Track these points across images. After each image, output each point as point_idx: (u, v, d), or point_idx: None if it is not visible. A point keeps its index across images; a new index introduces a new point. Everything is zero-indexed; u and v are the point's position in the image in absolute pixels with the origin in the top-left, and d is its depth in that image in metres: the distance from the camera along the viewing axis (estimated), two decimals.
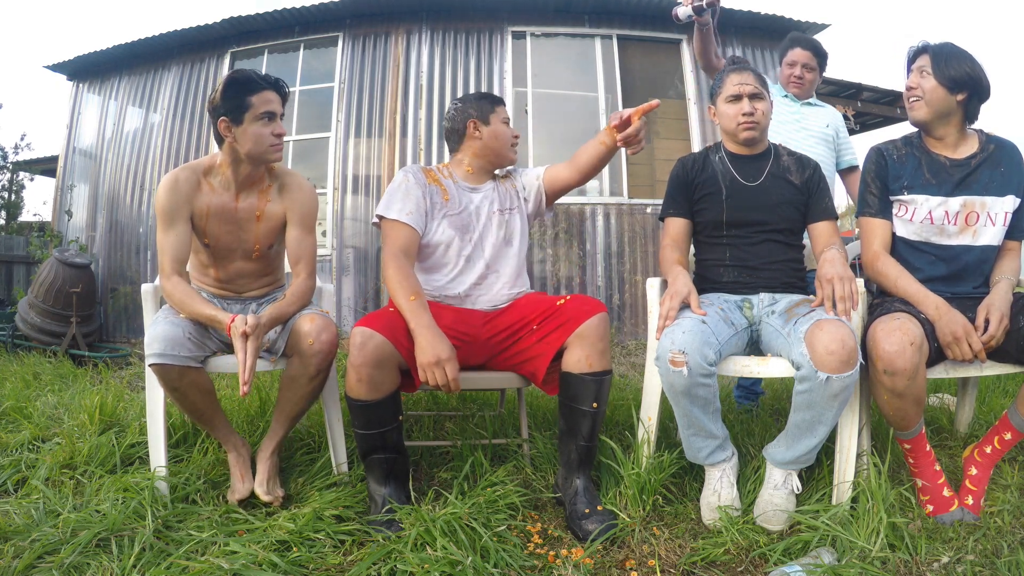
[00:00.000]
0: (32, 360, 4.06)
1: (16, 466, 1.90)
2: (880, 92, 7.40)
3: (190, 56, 5.92)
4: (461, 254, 1.88)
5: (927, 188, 1.73)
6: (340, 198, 5.38)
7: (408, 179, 1.86)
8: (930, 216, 1.72)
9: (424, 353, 1.56)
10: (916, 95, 1.72)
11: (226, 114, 1.72)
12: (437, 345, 1.56)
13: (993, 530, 1.50)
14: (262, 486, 1.71)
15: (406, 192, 1.83)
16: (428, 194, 1.87)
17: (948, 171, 1.72)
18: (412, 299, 1.64)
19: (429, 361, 1.55)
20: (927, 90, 1.70)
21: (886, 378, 1.49)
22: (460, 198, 1.92)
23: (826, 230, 1.83)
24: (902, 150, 1.80)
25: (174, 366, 1.61)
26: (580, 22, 5.57)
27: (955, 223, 1.71)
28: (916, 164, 1.76)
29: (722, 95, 1.86)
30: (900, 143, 1.82)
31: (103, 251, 6.00)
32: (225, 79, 1.74)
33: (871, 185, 1.81)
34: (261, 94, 1.72)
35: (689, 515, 1.65)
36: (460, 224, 1.88)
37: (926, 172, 1.74)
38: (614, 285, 5.29)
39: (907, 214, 1.75)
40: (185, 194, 1.75)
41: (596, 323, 1.65)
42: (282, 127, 1.78)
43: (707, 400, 1.55)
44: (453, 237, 1.87)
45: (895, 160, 1.78)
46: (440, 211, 1.87)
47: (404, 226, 1.79)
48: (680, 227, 1.89)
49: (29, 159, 10.79)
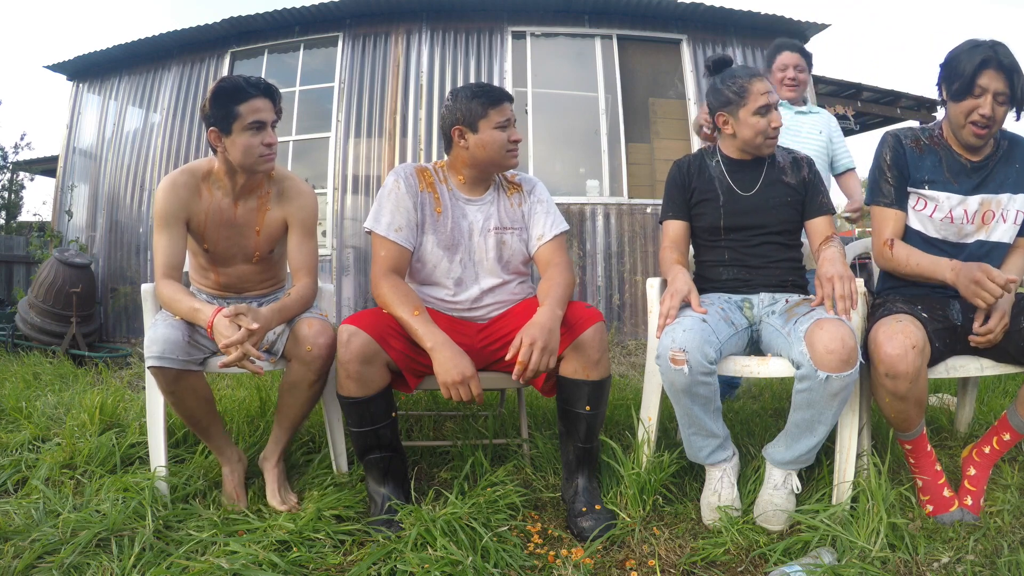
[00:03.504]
0: (32, 360, 4.06)
1: (16, 466, 1.90)
2: (880, 92, 7.41)
3: (190, 56, 5.91)
4: (449, 276, 1.79)
5: (947, 186, 1.69)
6: (340, 198, 5.38)
7: (399, 187, 1.75)
8: (950, 215, 1.69)
9: (448, 372, 1.49)
10: (989, 125, 1.59)
11: (215, 124, 1.68)
12: (460, 363, 1.50)
13: (993, 530, 1.50)
14: (275, 497, 1.71)
15: (396, 203, 1.73)
16: (419, 204, 1.77)
17: (968, 172, 1.69)
18: (416, 314, 1.58)
19: (454, 380, 1.48)
20: (999, 120, 1.59)
21: (888, 381, 1.48)
22: (453, 211, 1.80)
23: (822, 226, 1.81)
24: (921, 141, 1.74)
25: (172, 369, 1.59)
26: (580, 22, 5.57)
27: (973, 222, 1.70)
28: (937, 160, 1.71)
29: (747, 106, 1.74)
30: (919, 133, 1.76)
31: (103, 251, 6.00)
32: (213, 88, 1.67)
33: (887, 173, 1.73)
34: (249, 103, 1.66)
35: (689, 515, 1.65)
36: (449, 243, 1.78)
37: (946, 171, 1.70)
38: (614, 285, 5.29)
39: (927, 209, 1.71)
40: (182, 199, 1.73)
41: (592, 334, 1.62)
42: (272, 136, 1.71)
43: (708, 399, 1.55)
44: (441, 258, 1.78)
45: (914, 150, 1.73)
46: (430, 225, 1.77)
47: (393, 244, 1.71)
48: (679, 229, 1.89)
49: (29, 159, 10.79)
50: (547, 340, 1.49)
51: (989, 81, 1.56)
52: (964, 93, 1.59)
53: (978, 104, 1.58)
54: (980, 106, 1.58)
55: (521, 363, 1.46)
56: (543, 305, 1.59)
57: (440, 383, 1.51)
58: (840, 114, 7.36)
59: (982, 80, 1.56)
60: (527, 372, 1.47)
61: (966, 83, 1.58)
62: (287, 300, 1.75)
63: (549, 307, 1.57)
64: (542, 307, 1.58)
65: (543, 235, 1.83)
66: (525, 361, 1.46)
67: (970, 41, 1.61)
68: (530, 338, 1.48)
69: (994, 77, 1.55)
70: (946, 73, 1.64)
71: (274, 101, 1.73)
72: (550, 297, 1.61)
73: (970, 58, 1.57)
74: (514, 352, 1.48)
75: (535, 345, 1.47)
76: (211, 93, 1.67)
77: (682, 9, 5.45)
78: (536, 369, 1.47)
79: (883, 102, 7.62)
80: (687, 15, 5.54)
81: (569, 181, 5.56)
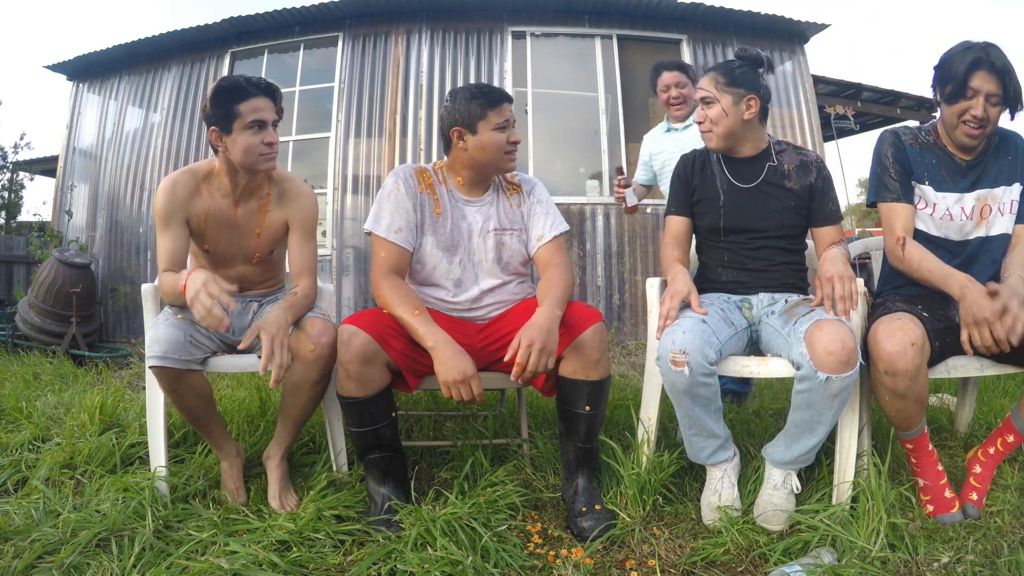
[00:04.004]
0: (32, 360, 4.06)
1: (16, 466, 1.90)
2: (880, 92, 7.41)
3: (190, 56, 5.92)
4: (448, 277, 1.79)
5: (943, 185, 1.71)
6: (340, 198, 5.38)
7: (399, 188, 1.75)
8: (949, 213, 1.70)
9: (448, 372, 1.49)
10: (983, 124, 1.60)
11: (216, 124, 1.68)
12: (461, 362, 1.50)
13: (993, 530, 1.50)
14: (275, 499, 1.71)
15: (396, 204, 1.74)
16: (419, 205, 1.77)
17: (963, 171, 1.71)
18: (416, 313, 1.59)
19: (455, 379, 1.49)
20: (992, 120, 1.60)
21: (887, 379, 1.48)
22: (452, 212, 1.80)
23: (829, 234, 1.77)
24: (920, 139, 1.75)
25: (174, 368, 1.60)
26: (580, 22, 5.57)
27: (972, 218, 1.70)
28: (934, 160, 1.72)
29: None
30: (917, 132, 1.77)
31: (103, 251, 6.00)
32: (214, 87, 1.68)
33: (890, 169, 1.72)
34: (250, 102, 1.66)
35: (689, 515, 1.65)
36: (448, 244, 1.78)
37: (943, 170, 1.71)
38: (614, 285, 5.29)
39: (927, 209, 1.72)
40: (182, 199, 1.73)
41: (592, 334, 1.61)
42: (274, 135, 1.71)
43: (708, 400, 1.55)
44: (440, 259, 1.78)
45: (913, 147, 1.74)
46: (429, 226, 1.77)
47: (393, 245, 1.71)
48: (681, 225, 1.89)
49: (29, 159, 10.78)
50: (545, 341, 1.49)
51: (981, 83, 1.56)
52: (957, 95, 1.60)
53: (971, 106, 1.59)
54: (972, 107, 1.59)
55: (519, 364, 1.47)
56: (542, 306, 1.59)
57: (441, 382, 1.52)
58: (840, 114, 7.36)
59: (974, 82, 1.57)
60: (525, 373, 1.47)
61: (959, 85, 1.58)
62: (295, 299, 1.74)
63: (548, 308, 1.57)
64: (540, 308, 1.58)
65: (543, 236, 1.83)
66: (523, 362, 1.47)
67: (963, 43, 1.62)
68: (528, 339, 1.48)
69: (986, 79, 1.56)
70: (940, 75, 1.64)
71: (275, 100, 1.73)
72: (549, 298, 1.61)
73: (962, 60, 1.58)
74: (512, 353, 1.48)
75: (533, 346, 1.47)
76: (211, 92, 1.67)
77: (682, 9, 5.45)
78: (534, 370, 1.48)
79: (883, 102, 7.62)
80: (687, 15, 5.55)
81: (569, 181, 5.56)
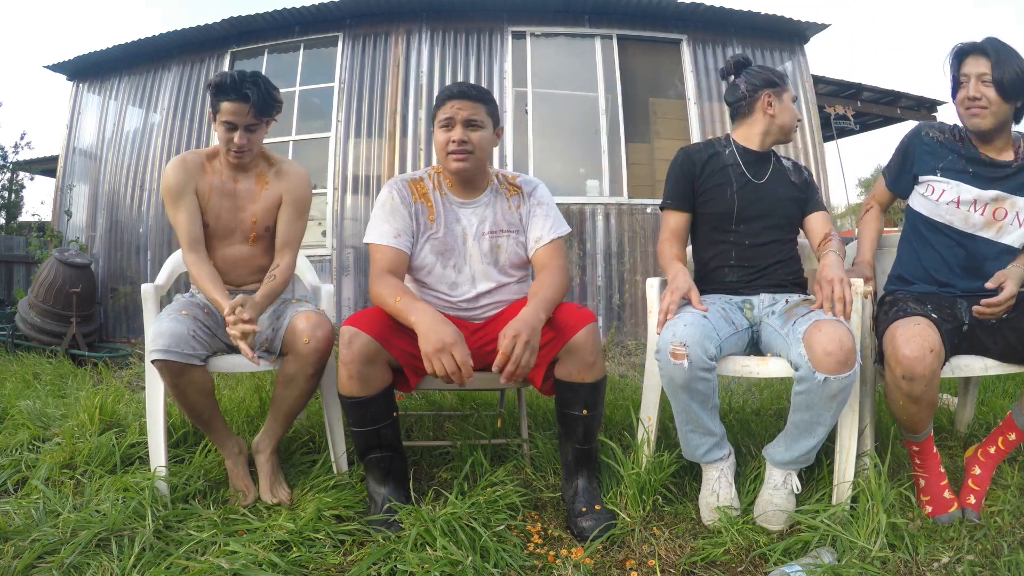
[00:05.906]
0: (32, 360, 4.06)
1: (16, 466, 1.90)
2: (880, 92, 7.41)
3: (190, 56, 5.91)
4: (444, 281, 1.80)
5: (961, 176, 1.73)
6: (340, 198, 5.38)
7: (393, 198, 1.76)
8: (957, 200, 1.72)
9: (427, 341, 1.44)
10: (981, 105, 1.65)
11: (212, 108, 1.83)
12: (440, 330, 1.46)
13: (993, 530, 1.50)
14: (267, 492, 1.73)
15: (392, 211, 1.75)
16: (413, 214, 1.78)
17: (985, 165, 1.72)
18: (399, 299, 1.58)
19: (434, 348, 1.43)
20: (992, 100, 1.64)
21: (904, 383, 1.49)
22: (446, 216, 1.80)
23: (820, 221, 1.87)
24: (945, 135, 1.80)
25: (176, 362, 1.61)
26: (580, 22, 5.57)
27: (983, 213, 1.71)
28: (955, 153, 1.76)
29: (790, 91, 1.91)
30: (944, 127, 1.83)
31: (103, 251, 5.99)
32: (213, 77, 1.81)
33: (897, 156, 1.88)
34: (225, 104, 1.77)
35: (689, 515, 1.65)
36: (442, 249, 1.79)
37: (963, 161, 1.74)
38: (614, 285, 5.29)
39: (934, 195, 1.76)
40: (191, 172, 1.85)
41: (585, 336, 1.60)
42: (241, 138, 1.79)
43: (706, 395, 1.55)
44: (435, 264, 1.79)
45: (934, 141, 1.79)
46: (424, 233, 1.78)
47: (388, 248, 1.72)
48: (680, 221, 1.88)
49: (29, 159, 10.77)
50: (530, 336, 1.48)
51: (971, 67, 1.67)
52: (955, 86, 1.72)
53: (966, 91, 1.68)
54: (967, 90, 1.68)
55: (503, 354, 1.45)
56: (528, 305, 1.59)
57: (422, 354, 1.46)
58: (840, 114, 7.35)
59: (965, 68, 1.68)
60: (509, 364, 1.45)
61: (954, 77, 1.72)
62: (272, 283, 1.84)
63: (533, 308, 1.56)
64: (527, 307, 1.58)
65: (540, 238, 1.82)
66: (508, 352, 1.45)
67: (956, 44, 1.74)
68: (514, 331, 1.47)
69: (974, 62, 1.67)
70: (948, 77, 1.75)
71: (253, 105, 1.77)
72: (536, 298, 1.61)
73: (953, 54, 1.72)
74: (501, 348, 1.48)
75: (519, 338, 1.46)
76: (209, 81, 1.81)
77: (682, 9, 5.45)
78: (518, 362, 1.46)
79: (883, 102, 7.62)
80: (687, 15, 5.54)
81: (569, 181, 5.56)
